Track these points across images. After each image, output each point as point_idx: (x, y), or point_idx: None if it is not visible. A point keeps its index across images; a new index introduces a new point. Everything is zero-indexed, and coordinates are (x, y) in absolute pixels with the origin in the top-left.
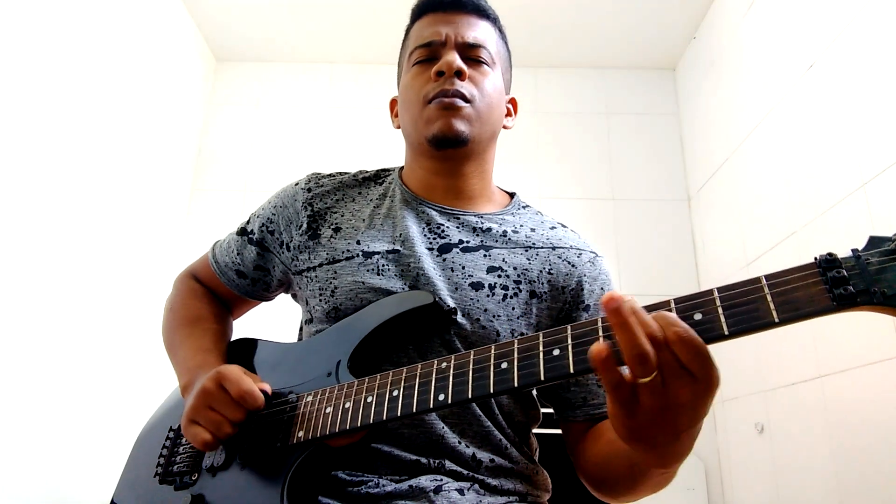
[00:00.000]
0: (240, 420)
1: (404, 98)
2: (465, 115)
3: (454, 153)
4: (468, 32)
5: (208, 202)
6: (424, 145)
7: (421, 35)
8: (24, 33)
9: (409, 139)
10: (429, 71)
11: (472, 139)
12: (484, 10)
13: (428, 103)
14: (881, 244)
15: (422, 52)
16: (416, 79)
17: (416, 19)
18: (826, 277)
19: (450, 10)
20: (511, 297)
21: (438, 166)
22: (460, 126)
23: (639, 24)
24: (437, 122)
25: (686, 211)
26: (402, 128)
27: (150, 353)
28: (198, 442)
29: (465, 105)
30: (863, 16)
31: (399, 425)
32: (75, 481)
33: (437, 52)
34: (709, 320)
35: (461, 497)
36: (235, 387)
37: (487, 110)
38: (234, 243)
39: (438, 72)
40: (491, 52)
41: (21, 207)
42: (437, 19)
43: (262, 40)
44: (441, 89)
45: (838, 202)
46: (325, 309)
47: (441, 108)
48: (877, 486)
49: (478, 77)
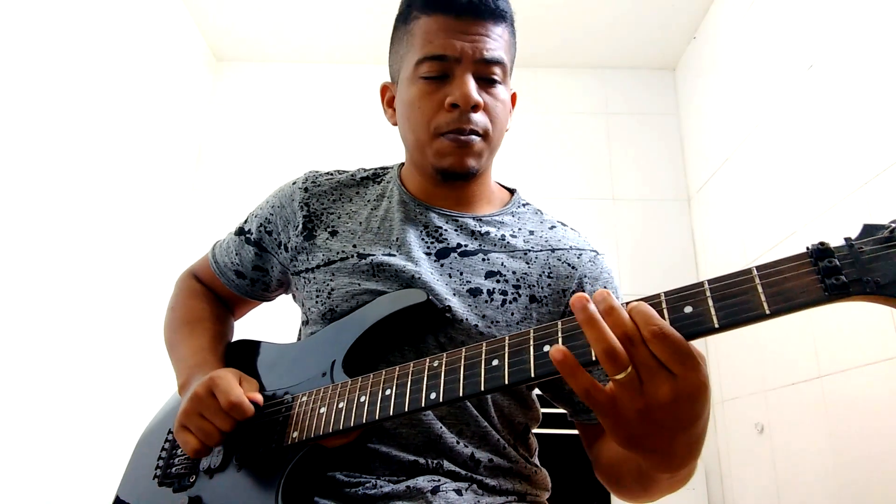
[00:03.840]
0: (228, 430)
1: (409, 114)
2: (477, 152)
3: (461, 182)
4: (484, 47)
5: (208, 202)
6: (429, 170)
7: (432, 42)
8: (25, 33)
9: (413, 157)
10: (439, 93)
11: (481, 169)
12: (501, 11)
13: (439, 135)
14: (875, 232)
15: (432, 66)
16: (423, 100)
17: (425, 11)
18: (818, 267)
19: (465, 16)
20: (510, 302)
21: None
22: (472, 163)
23: (639, 24)
24: (448, 157)
25: (686, 211)
26: (403, 136)
27: (151, 354)
28: (188, 449)
29: (479, 140)
30: (863, 16)
31: (397, 425)
32: (75, 481)
33: (451, 70)
34: (699, 313)
35: (459, 497)
36: (224, 396)
37: (499, 138)
38: (232, 243)
39: (453, 104)
40: (506, 65)
41: (21, 207)
42: (450, 26)
43: (262, 40)
44: (457, 127)
45: (838, 202)
46: (321, 311)
47: (456, 146)
48: (877, 486)
49: (491, 104)
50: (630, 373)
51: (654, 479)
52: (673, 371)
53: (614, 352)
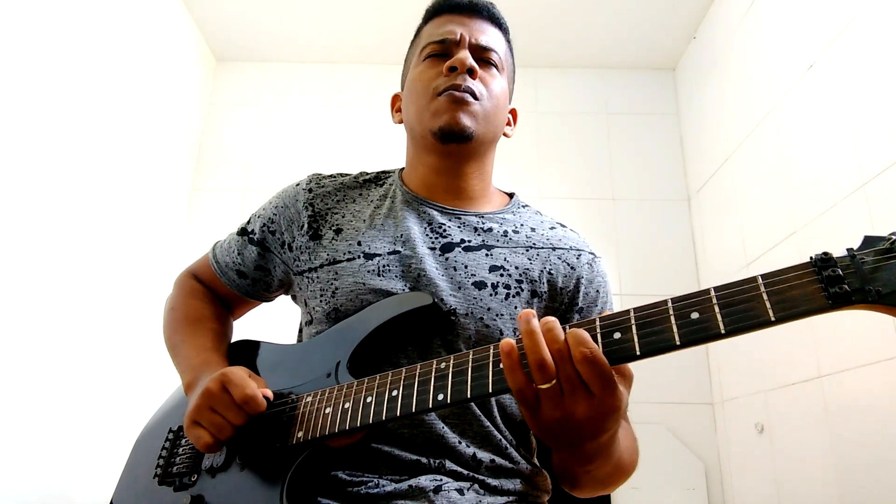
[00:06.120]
0: (241, 424)
1: (411, 89)
2: (472, 112)
3: (457, 148)
4: (482, 35)
5: (208, 202)
6: (428, 138)
7: (435, 32)
8: (24, 33)
9: (413, 132)
10: (440, 65)
11: (476, 137)
12: (498, 19)
13: (437, 95)
14: (876, 244)
15: (434, 47)
16: (426, 71)
17: (429, 19)
18: (821, 276)
19: (465, 13)
20: (513, 296)
21: (440, 163)
22: (467, 121)
23: (639, 24)
24: (444, 114)
25: (686, 211)
26: (406, 121)
27: (150, 354)
28: (200, 444)
29: (474, 102)
30: (863, 16)
31: (399, 425)
32: (75, 481)
33: (450, 50)
34: (706, 319)
35: (461, 497)
36: (239, 390)
37: (493, 111)
38: (234, 243)
39: (451, 67)
40: (501, 57)
41: (21, 207)
42: (451, 19)
43: (262, 40)
44: (452, 83)
45: (838, 202)
46: (326, 310)
47: (451, 101)
48: (876, 486)
49: (487, 78)
50: (554, 385)
51: (575, 473)
52: (593, 391)
53: (543, 363)
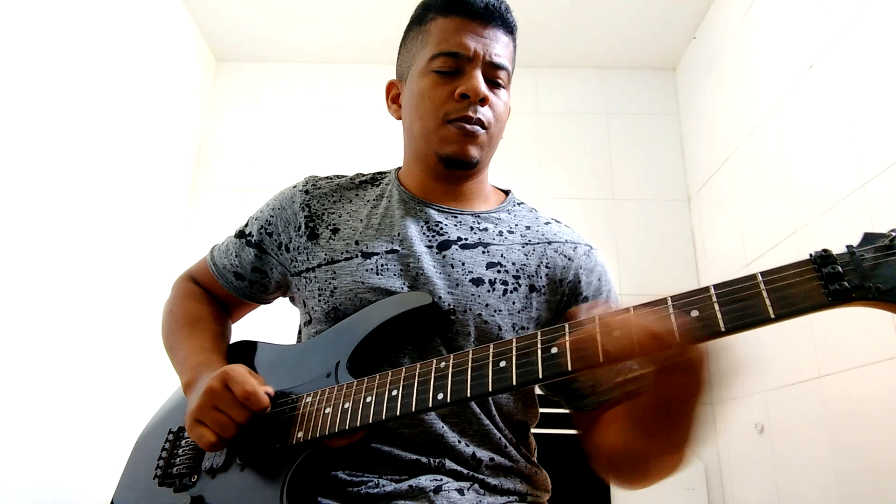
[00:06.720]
0: (244, 421)
1: (417, 104)
2: (480, 143)
3: (461, 173)
4: (495, 52)
5: (208, 202)
6: (432, 157)
7: (447, 40)
8: (24, 33)
9: (416, 146)
10: (450, 85)
11: (481, 162)
12: (511, 24)
13: (447, 122)
14: (876, 240)
15: (445, 61)
16: (434, 90)
17: (442, 12)
18: (821, 273)
19: (480, 20)
20: (511, 291)
21: (440, 177)
22: (474, 152)
23: (639, 24)
24: (453, 144)
25: (686, 211)
26: (408, 128)
27: (149, 355)
28: (203, 443)
29: (482, 132)
30: (863, 16)
31: (399, 425)
32: (75, 481)
33: (462, 67)
34: (706, 317)
35: (461, 497)
36: (240, 388)
37: (499, 135)
38: (232, 246)
39: (463, 94)
40: (510, 73)
41: (20, 207)
42: (466, 27)
43: (262, 40)
44: (464, 115)
45: (838, 202)
46: (325, 309)
47: (461, 133)
48: (877, 486)
49: (496, 102)
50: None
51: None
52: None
53: None
